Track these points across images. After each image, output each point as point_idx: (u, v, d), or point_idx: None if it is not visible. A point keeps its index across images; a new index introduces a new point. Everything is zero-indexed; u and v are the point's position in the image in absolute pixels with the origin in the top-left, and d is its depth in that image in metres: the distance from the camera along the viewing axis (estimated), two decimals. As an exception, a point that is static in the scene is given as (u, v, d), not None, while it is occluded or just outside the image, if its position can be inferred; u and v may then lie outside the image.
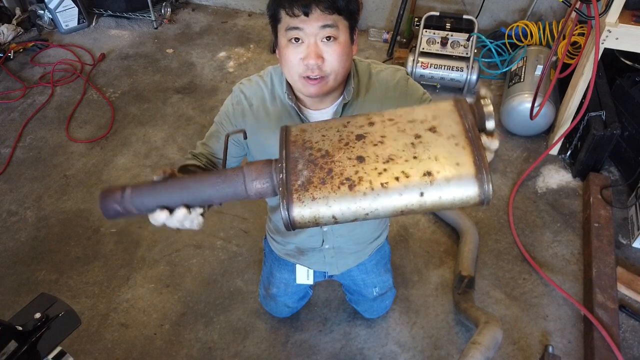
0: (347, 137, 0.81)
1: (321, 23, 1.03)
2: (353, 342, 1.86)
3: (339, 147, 0.80)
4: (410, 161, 0.76)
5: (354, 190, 0.75)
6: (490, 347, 1.63)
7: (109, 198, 0.85)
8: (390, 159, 0.77)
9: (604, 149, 2.31)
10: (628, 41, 2.04)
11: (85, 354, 1.83)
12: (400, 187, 0.74)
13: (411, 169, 0.75)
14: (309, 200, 0.76)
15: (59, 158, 2.63)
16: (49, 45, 3.42)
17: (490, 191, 0.73)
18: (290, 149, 0.81)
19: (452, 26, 2.93)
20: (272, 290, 1.77)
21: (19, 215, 2.33)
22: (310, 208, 0.76)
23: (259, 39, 3.52)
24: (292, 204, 0.76)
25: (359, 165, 0.77)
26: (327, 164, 0.78)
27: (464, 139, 0.77)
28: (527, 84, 2.61)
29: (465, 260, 2.01)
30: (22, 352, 1.17)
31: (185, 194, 0.85)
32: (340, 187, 0.75)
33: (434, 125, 0.80)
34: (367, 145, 0.79)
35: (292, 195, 0.76)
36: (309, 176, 0.77)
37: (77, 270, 2.10)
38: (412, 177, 0.74)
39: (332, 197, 0.75)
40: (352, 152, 0.79)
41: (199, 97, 3.01)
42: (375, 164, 0.77)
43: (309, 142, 0.82)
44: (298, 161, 0.79)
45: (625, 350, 1.82)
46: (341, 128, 0.83)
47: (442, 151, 0.76)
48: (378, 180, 0.75)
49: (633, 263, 2.10)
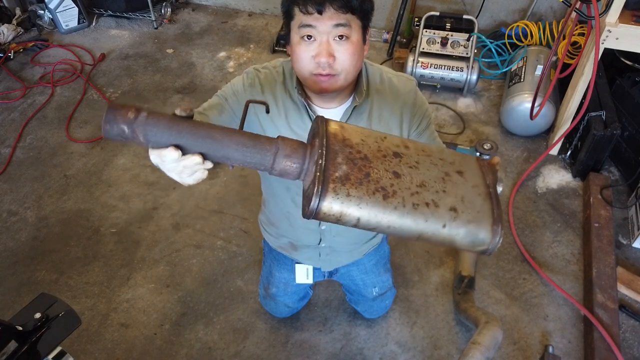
0: (385, 149, 0.82)
1: (334, 22, 1.03)
2: (353, 342, 1.86)
3: (378, 156, 0.80)
4: (439, 193, 0.79)
5: (387, 201, 0.75)
6: (490, 347, 1.63)
7: (118, 115, 0.72)
8: (423, 185, 0.79)
9: (604, 149, 2.31)
10: (628, 41, 2.04)
11: (86, 354, 1.83)
12: (427, 213, 0.76)
13: (440, 201, 0.78)
14: (344, 195, 0.74)
15: (59, 158, 2.63)
16: (49, 45, 3.42)
17: (498, 243, 0.78)
18: (331, 141, 0.78)
19: (452, 26, 2.93)
20: (271, 290, 1.77)
21: (19, 215, 2.33)
22: (342, 203, 0.74)
23: (259, 39, 3.52)
24: (326, 193, 0.72)
25: (395, 180, 0.78)
26: (366, 167, 0.77)
27: (485, 192, 0.82)
28: (527, 84, 2.61)
29: (466, 260, 2.01)
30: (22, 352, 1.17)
31: (208, 143, 0.76)
32: (375, 194, 0.75)
33: (461, 170, 0.84)
34: (403, 164, 0.81)
35: (329, 184, 0.73)
36: (348, 172, 0.75)
37: (77, 270, 2.10)
38: (440, 208, 0.77)
39: (366, 200, 0.74)
40: (389, 165, 0.79)
41: (199, 97, 3.01)
42: (409, 184, 0.78)
43: (349, 140, 0.80)
44: (338, 154, 0.77)
45: (625, 350, 1.82)
46: (379, 140, 0.83)
47: (467, 195, 0.80)
48: (410, 200, 0.76)
49: (633, 263, 2.10)
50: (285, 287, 1.75)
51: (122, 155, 2.64)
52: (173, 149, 0.74)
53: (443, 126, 2.80)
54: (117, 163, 2.59)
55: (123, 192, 2.43)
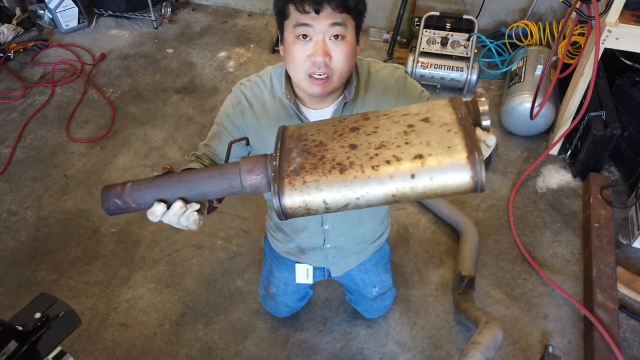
0: (341, 129, 0.83)
1: (331, 21, 1.03)
2: (353, 342, 1.86)
3: (333, 137, 0.81)
4: (402, 146, 0.76)
5: (345, 174, 0.75)
6: (490, 347, 1.63)
7: (109, 192, 0.86)
8: (382, 145, 0.77)
9: (604, 149, 2.31)
10: (628, 41, 2.04)
11: (86, 353, 1.83)
12: (391, 169, 0.74)
13: (402, 153, 0.75)
14: (300, 183, 0.76)
15: (59, 158, 2.63)
16: (49, 45, 3.42)
17: (482, 173, 0.71)
18: (286, 142, 0.82)
19: (452, 26, 2.93)
20: (271, 289, 1.77)
21: (19, 215, 2.33)
22: (300, 192, 0.76)
23: (259, 39, 3.52)
24: (283, 188, 0.76)
25: (351, 152, 0.78)
26: (320, 152, 0.79)
27: (457, 126, 0.77)
28: (527, 84, 2.61)
29: (466, 260, 2.01)
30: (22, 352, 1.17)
31: (182, 186, 0.85)
32: (331, 171, 0.76)
33: (427, 117, 0.80)
34: (361, 135, 0.80)
35: (284, 179, 0.76)
36: (302, 163, 0.78)
37: (77, 270, 2.10)
38: (403, 160, 0.74)
39: (323, 180, 0.75)
40: (345, 141, 0.80)
41: (199, 97, 3.01)
42: (367, 150, 0.77)
43: (304, 135, 0.83)
44: (292, 150, 0.80)
45: (625, 350, 1.82)
46: (337, 123, 0.85)
47: (434, 137, 0.76)
48: (369, 164, 0.75)
49: (633, 263, 2.10)
50: (286, 287, 1.75)
51: (122, 155, 2.64)
52: (157, 203, 0.85)
53: (443, 126, 2.80)
54: (117, 163, 2.59)
55: (123, 192, 2.43)
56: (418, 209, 2.32)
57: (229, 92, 1.32)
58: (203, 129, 2.78)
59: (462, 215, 2.19)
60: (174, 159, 2.61)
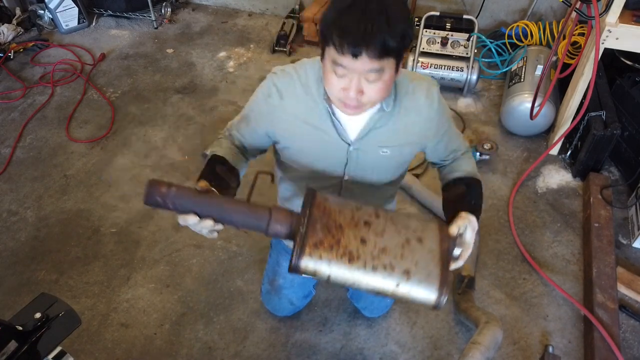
0: (357, 219, 1.03)
1: (368, 67, 1.02)
2: (353, 342, 1.86)
3: (350, 224, 1.02)
4: (397, 258, 0.99)
5: (351, 263, 0.96)
6: (490, 347, 1.63)
7: (155, 189, 0.98)
8: (384, 250, 0.99)
9: (604, 149, 2.31)
10: (628, 41, 2.04)
11: (86, 353, 1.83)
12: (384, 274, 0.97)
13: (396, 264, 0.98)
14: (317, 257, 0.96)
15: (59, 158, 2.63)
16: (49, 45, 3.42)
17: (443, 302, 0.97)
18: (314, 211, 1.01)
19: (452, 26, 2.93)
20: (278, 281, 1.76)
21: (19, 215, 2.33)
22: (315, 263, 0.96)
23: (259, 39, 3.52)
24: (303, 254, 0.96)
25: (361, 246, 0.99)
26: (338, 234, 0.99)
27: (439, 257, 1.01)
28: (527, 84, 2.61)
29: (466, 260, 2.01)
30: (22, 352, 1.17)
31: (217, 211, 1.01)
32: (342, 257, 0.97)
33: (421, 237, 1.03)
34: (371, 232, 1.01)
35: (306, 248, 0.96)
36: (322, 239, 0.98)
37: (77, 270, 2.10)
38: (395, 271, 0.97)
39: (334, 262, 0.96)
40: (358, 233, 1.01)
41: (199, 97, 3.01)
42: (372, 250, 0.99)
43: (328, 210, 1.03)
44: (317, 222, 1.00)
45: (625, 351, 1.82)
46: (355, 210, 1.05)
47: (422, 259, 1.00)
48: (371, 263, 0.97)
49: (633, 263, 2.10)
50: (292, 279, 1.74)
51: (122, 155, 2.64)
52: (193, 215, 0.98)
53: (443, 126, 2.80)
54: (117, 163, 2.59)
55: (123, 192, 2.43)
56: (418, 209, 2.32)
57: (229, 92, 1.32)
58: (203, 128, 2.78)
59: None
60: (174, 159, 2.61)
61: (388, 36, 0.98)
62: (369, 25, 0.97)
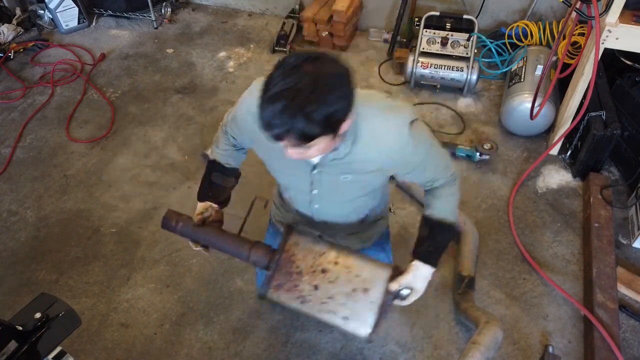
0: (317, 266, 1.32)
1: (295, 149, 1.05)
2: (353, 342, 1.86)
3: (309, 271, 1.32)
4: (341, 305, 1.27)
5: (302, 305, 1.28)
6: (490, 347, 1.63)
7: (169, 220, 1.38)
8: (330, 297, 1.28)
9: (604, 149, 2.31)
10: (628, 41, 2.04)
11: (86, 353, 1.83)
12: (327, 317, 1.27)
13: (338, 311, 1.27)
14: (277, 296, 1.29)
15: (59, 158, 2.63)
16: (49, 45, 3.42)
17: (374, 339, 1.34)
18: (283, 255, 1.33)
19: (452, 26, 2.93)
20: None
21: (19, 215, 2.33)
22: (277, 298, 1.29)
23: (259, 39, 3.52)
24: (269, 289, 1.30)
25: (313, 292, 1.29)
26: (297, 280, 1.31)
27: (377, 308, 1.25)
28: (527, 84, 2.61)
29: (466, 260, 2.01)
30: (22, 352, 1.17)
31: (210, 241, 1.37)
32: (296, 299, 1.29)
33: (368, 288, 1.28)
34: (324, 280, 1.30)
35: (271, 285, 1.30)
36: (283, 283, 1.31)
37: (77, 270, 2.10)
38: (337, 315, 1.26)
39: (291, 302, 1.29)
40: (313, 280, 1.30)
41: (199, 97, 3.01)
42: (322, 296, 1.28)
43: (294, 256, 1.34)
44: (283, 268, 1.32)
45: (625, 350, 1.82)
46: (318, 257, 1.33)
47: (362, 308, 1.26)
48: (317, 307, 1.28)
49: (633, 263, 2.10)
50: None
51: (122, 155, 2.64)
52: (192, 241, 1.39)
53: (443, 126, 2.80)
54: (117, 163, 2.59)
55: (123, 192, 2.43)
56: (418, 209, 2.32)
57: (229, 92, 1.33)
58: (203, 128, 2.78)
59: (461, 215, 2.20)
60: (174, 159, 2.61)
61: (308, 128, 1.00)
62: (285, 128, 0.99)
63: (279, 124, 0.99)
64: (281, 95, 0.98)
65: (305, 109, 0.97)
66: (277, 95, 0.98)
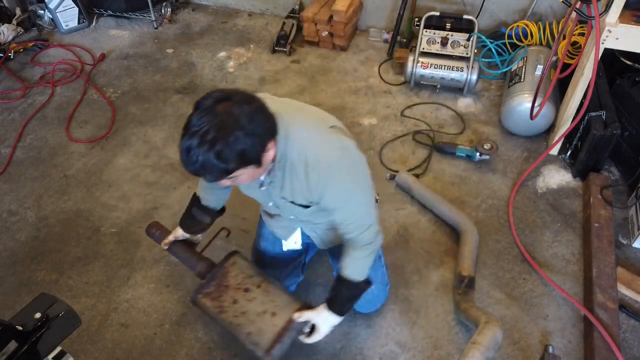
0: (244, 284, 1.59)
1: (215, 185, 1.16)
2: (353, 342, 1.86)
3: (235, 287, 1.58)
4: (250, 321, 1.51)
5: (219, 315, 1.54)
6: (490, 347, 1.63)
7: (151, 228, 1.79)
8: (243, 313, 1.52)
9: (604, 149, 2.31)
10: (628, 41, 2.04)
11: (86, 353, 1.83)
12: (235, 329, 1.50)
13: (245, 326, 1.50)
14: (203, 302, 1.57)
15: (59, 158, 2.63)
16: (49, 45, 3.42)
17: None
18: (220, 271, 1.62)
19: (452, 26, 2.93)
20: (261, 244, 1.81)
21: (19, 215, 2.33)
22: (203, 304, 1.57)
23: (259, 39, 3.52)
24: (199, 297, 1.58)
25: (232, 305, 1.54)
26: (223, 292, 1.57)
27: (277, 332, 1.46)
28: (527, 84, 2.61)
29: (466, 260, 2.01)
30: (22, 352, 1.17)
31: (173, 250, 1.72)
32: (216, 308, 1.54)
33: (276, 312, 1.51)
34: (244, 297, 1.55)
35: (202, 292, 1.59)
36: (211, 292, 1.58)
37: (77, 270, 2.10)
38: (243, 329, 1.50)
39: (211, 309, 1.55)
40: (236, 295, 1.56)
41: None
42: (236, 310, 1.53)
43: (228, 273, 1.62)
44: (214, 280, 1.60)
45: (625, 351, 1.82)
46: (246, 277, 1.61)
47: (265, 329, 1.48)
48: (230, 319, 1.52)
49: (633, 263, 2.10)
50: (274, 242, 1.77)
51: (122, 155, 2.64)
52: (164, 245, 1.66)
53: (443, 126, 2.80)
54: (117, 163, 2.59)
55: (123, 192, 2.43)
56: (418, 209, 2.32)
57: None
58: (203, 129, 2.78)
59: (461, 215, 2.20)
60: (174, 159, 2.61)
61: (222, 165, 1.08)
62: (197, 166, 1.08)
63: (193, 161, 1.07)
64: (194, 136, 1.07)
65: (214, 147, 1.06)
66: (191, 135, 1.08)
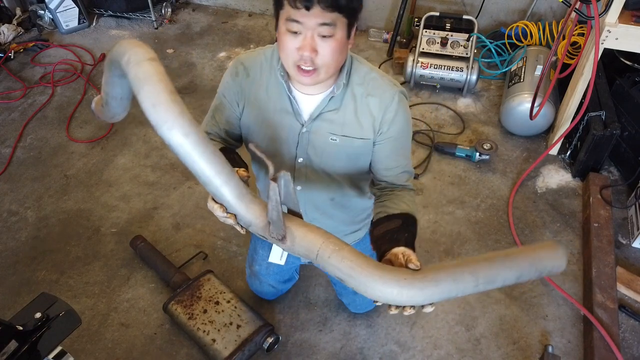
0: (214, 298, 1.80)
1: (320, 20, 1.06)
2: (353, 342, 1.86)
3: (206, 299, 1.79)
4: (215, 330, 1.70)
5: (188, 321, 1.74)
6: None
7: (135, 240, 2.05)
8: (211, 322, 1.73)
9: (603, 149, 2.31)
10: (628, 41, 2.04)
11: (86, 353, 1.83)
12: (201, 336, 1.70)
13: (211, 334, 1.70)
14: (175, 308, 1.79)
15: (59, 158, 2.63)
16: (49, 46, 3.42)
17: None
18: (195, 283, 1.85)
19: (452, 26, 2.93)
20: (255, 267, 1.79)
21: (19, 215, 2.33)
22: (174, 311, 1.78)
23: (259, 39, 3.52)
24: (170, 303, 1.81)
25: (202, 314, 1.75)
26: (195, 301, 1.78)
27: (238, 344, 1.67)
28: (527, 84, 2.61)
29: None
30: (22, 352, 1.17)
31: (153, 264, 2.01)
32: (186, 315, 1.76)
33: (241, 325, 1.71)
34: (213, 309, 1.76)
35: (172, 301, 1.81)
36: (184, 300, 1.80)
37: (77, 270, 2.10)
38: (208, 337, 1.69)
39: (182, 315, 1.76)
40: (206, 305, 1.77)
41: (199, 97, 3.01)
42: (204, 318, 1.74)
43: (202, 287, 1.84)
44: (189, 290, 1.83)
45: (625, 350, 1.82)
46: (218, 292, 1.81)
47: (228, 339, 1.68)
48: (198, 326, 1.72)
49: (633, 263, 2.10)
50: (268, 267, 1.76)
51: (123, 155, 2.64)
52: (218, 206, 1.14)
53: (443, 126, 2.80)
54: (118, 163, 2.60)
55: (123, 192, 2.44)
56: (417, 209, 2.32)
57: (229, 93, 1.33)
58: (203, 129, 2.78)
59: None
60: (174, 159, 2.61)
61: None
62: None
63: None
64: None
65: None
66: None
